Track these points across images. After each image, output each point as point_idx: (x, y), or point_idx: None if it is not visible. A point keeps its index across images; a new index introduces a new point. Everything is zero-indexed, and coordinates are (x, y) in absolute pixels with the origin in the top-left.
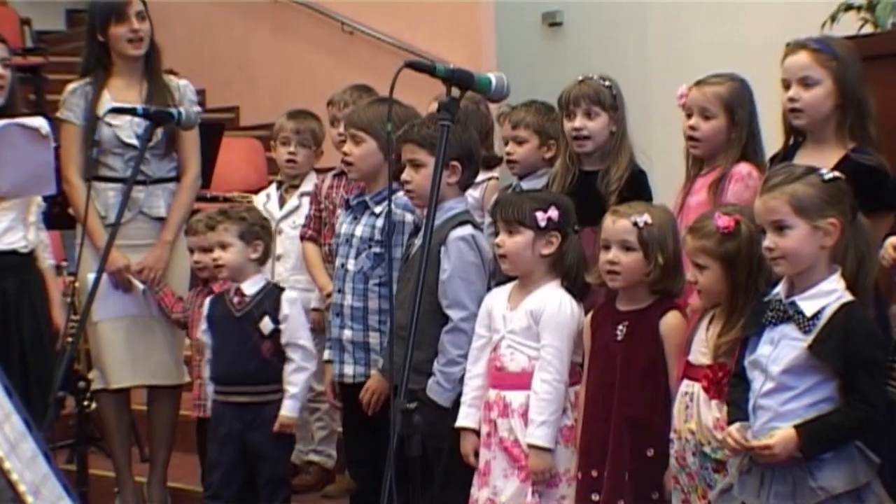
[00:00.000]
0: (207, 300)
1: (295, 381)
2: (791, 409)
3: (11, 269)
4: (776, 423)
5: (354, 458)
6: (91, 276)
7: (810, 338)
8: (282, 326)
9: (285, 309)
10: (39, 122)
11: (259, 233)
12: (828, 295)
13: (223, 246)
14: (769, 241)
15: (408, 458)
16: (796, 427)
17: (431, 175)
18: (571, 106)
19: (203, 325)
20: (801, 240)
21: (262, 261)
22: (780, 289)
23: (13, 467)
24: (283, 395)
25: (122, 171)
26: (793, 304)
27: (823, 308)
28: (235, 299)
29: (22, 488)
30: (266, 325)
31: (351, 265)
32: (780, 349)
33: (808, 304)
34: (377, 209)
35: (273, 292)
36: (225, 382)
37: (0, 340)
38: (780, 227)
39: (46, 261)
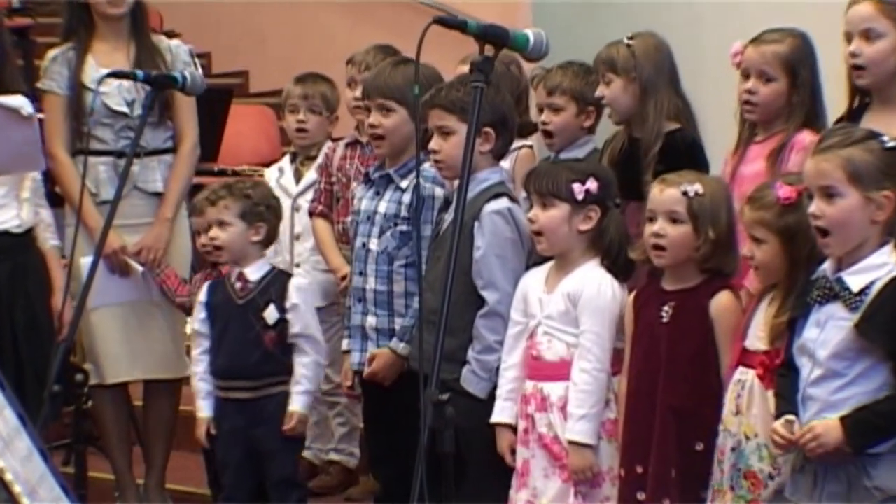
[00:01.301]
0: (205, 285)
1: (307, 374)
2: (842, 399)
3: (3, 252)
4: (826, 415)
5: (377, 456)
6: (85, 261)
7: (857, 316)
8: (289, 316)
9: (293, 297)
10: (20, 102)
11: (263, 214)
12: (878, 269)
13: (221, 224)
14: (815, 206)
15: (440, 455)
16: (841, 418)
17: (462, 143)
18: (596, 73)
19: (201, 313)
20: (851, 210)
21: (265, 244)
22: (827, 265)
23: (7, 466)
24: (288, 389)
25: (113, 142)
26: (839, 280)
27: (872, 283)
28: (238, 285)
29: (17, 489)
30: (271, 314)
31: (374, 245)
32: (826, 331)
33: (855, 279)
34: (403, 183)
35: (279, 279)
36: (225, 376)
37: None
38: (829, 194)
39: (48, 241)
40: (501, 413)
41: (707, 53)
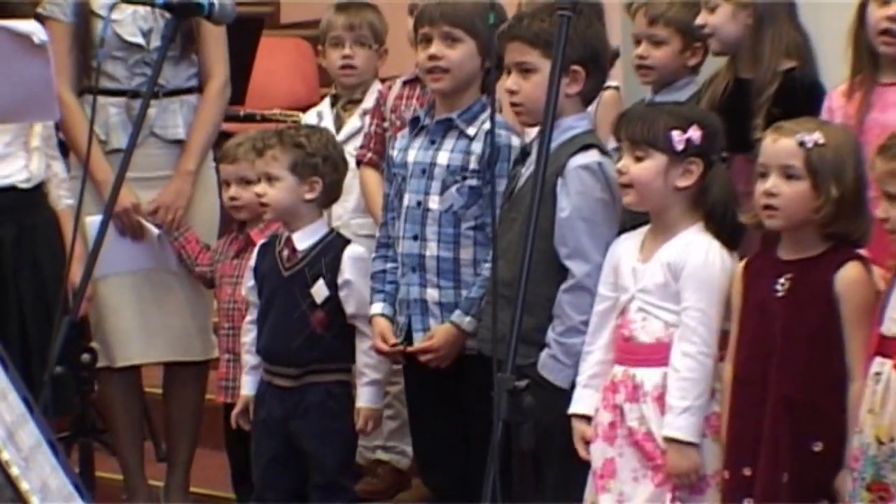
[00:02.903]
0: (257, 247)
1: (369, 362)
2: None
3: (8, 212)
4: None
5: (426, 458)
6: (92, 220)
7: None
8: (342, 294)
9: (347, 271)
10: (32, 27)
11: (318, 167)
12: None
13: (270, 179)
14: None
15: (515, 454)
16: None
17: (545, 83)
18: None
19: (250, 280)
20: None
21: (323, 203)
22: None
23: (12, 459)
24: (337, 378)
25: (126, 80)
26: None
27: None
28: (285, 253)
29: (24, 486)
30: (319, 291)
31: (435, 203)
32: None
33: None
34: (469, 130)
35: (333, 246)
36: (267, 359)
37: None
38: None
39: (62, 199)
40: (580, 402)
41: None
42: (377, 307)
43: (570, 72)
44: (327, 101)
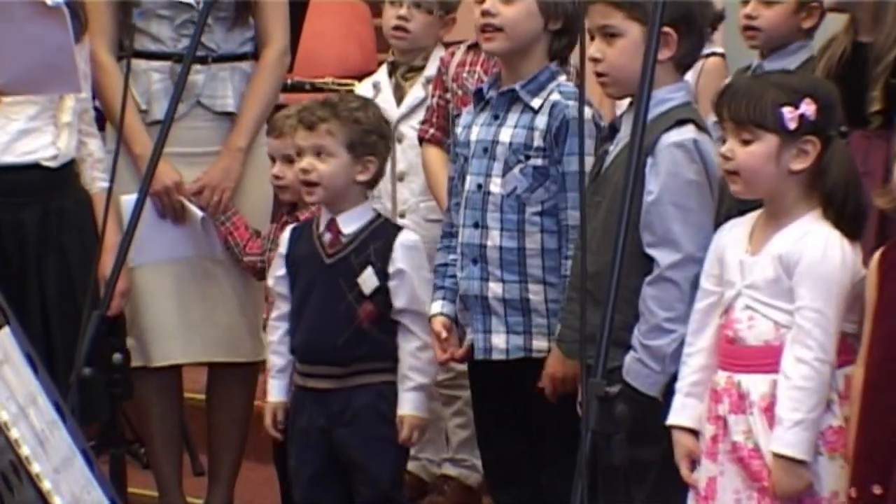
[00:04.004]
0: (287, 230)
1: (417, 365)
2: None
3: (32, 192)
4: None
5: (496, 474)
6: (127, 199)
7: None
8: (391, 285)
9: (399, 259)
10: None
11: (376, 145)
12: None
13: (320, 154)
14: None
15: (604, 470)
16: None
17: (631, 49)
18: None
19: (280, 268)
20: None
21: (370, 185)
22: None
23: (44, 472)
24: (386, 380)
25: (172, 42)
26: None
27: None
28: (327, 237)
29: (56, 501)
30: (368, 279)
31: (496, 186)
32: None
33: None
34: (534, 102)
35: (383, 231)
36: (304, 358)
37: (19, 295)
38: None
39: (96, 182)
40: (681, 413)
41: None
42: (436, 306)
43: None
44: (384, 69)
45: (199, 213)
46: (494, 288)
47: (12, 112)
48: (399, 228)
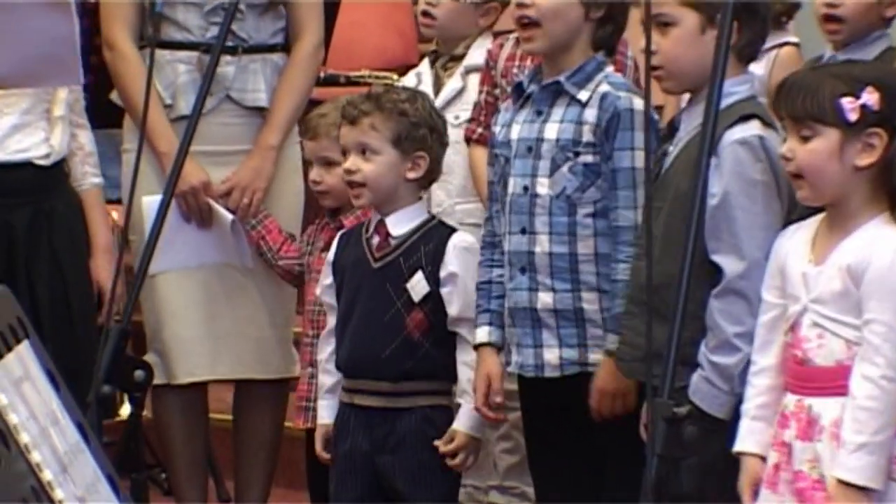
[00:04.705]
0: (337, 237)
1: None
2: None
3: (23, 193)
4: None
5: (548, 502)
6: (150, 201)
7: None
8: (445, 290)
9: (452, 263)
10: None
11: (425, 139)
12: None
13: (365, 152)
14: None
15: (668, 499)
16: None
17: (687, 38)
18: None
19: (327, 277)
20: None
21: (425, 183)
22: None
23: (67, 498)
24: (437, 403)
25: (200, 31)
26: None
27: None
28: (375, 240)
29: None
30: (417, 284)
31: (543, 188)
32: None
33: None
34: (581, 94)
35: (436, 233)
36: (349, 372)
37: None
38: None
39: (89, 178)
40: (748, 438)
41: None
42: (482, 333)
43: (714, 22)
44: (426, 61)
45: (229, 217)
46: (544, 298)
47: (5, 106)
48: (453, 230)
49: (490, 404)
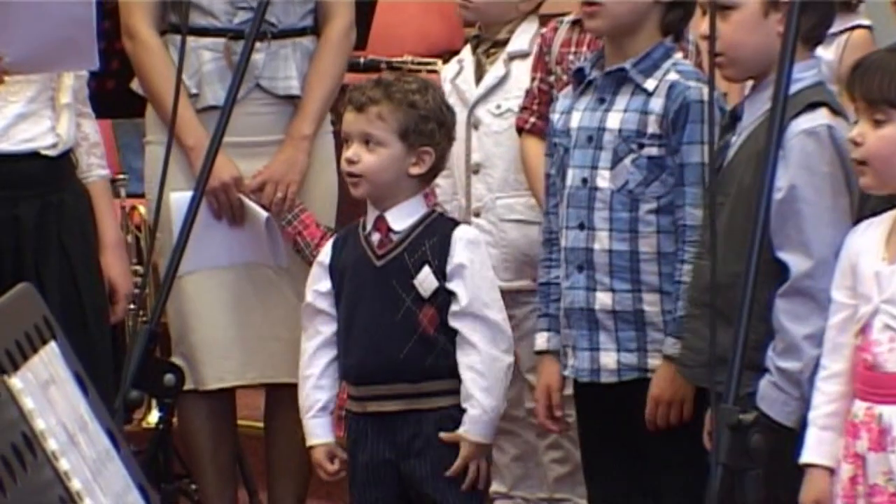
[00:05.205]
0: (331, 241)
1: (479, 381)
2: None
3: (30, 185)
4: None
5: None
6: (179, 197)
7: None
8: (452, 284)
9: (459, 255)
10: None
11: (433, 134)
12: None
13: (369, 142)
14: None
15: None
16: None
17: (748, 22)
18: None
19: (323, 282)
20: None
21: (427, 180)
22: None
23: None
24: (454, 401)
25: (226, 17)
26: None
27: None
28: (376, 237)
29: None
30: (425, 279)
31: (604, 181)
32: None
33: None
34: (647, 83)
35: (439, 226)
36: (360, 381)
37: None
38: None
39: (95, 170)
40: (816, 448)
41: None
42: (541, 340)
43: (777, 5)
44: (468, 48)
45: (263, 214)
46: (603, 298)
47: (10, 94)
48: (456, 223)
49: (553, 417)
